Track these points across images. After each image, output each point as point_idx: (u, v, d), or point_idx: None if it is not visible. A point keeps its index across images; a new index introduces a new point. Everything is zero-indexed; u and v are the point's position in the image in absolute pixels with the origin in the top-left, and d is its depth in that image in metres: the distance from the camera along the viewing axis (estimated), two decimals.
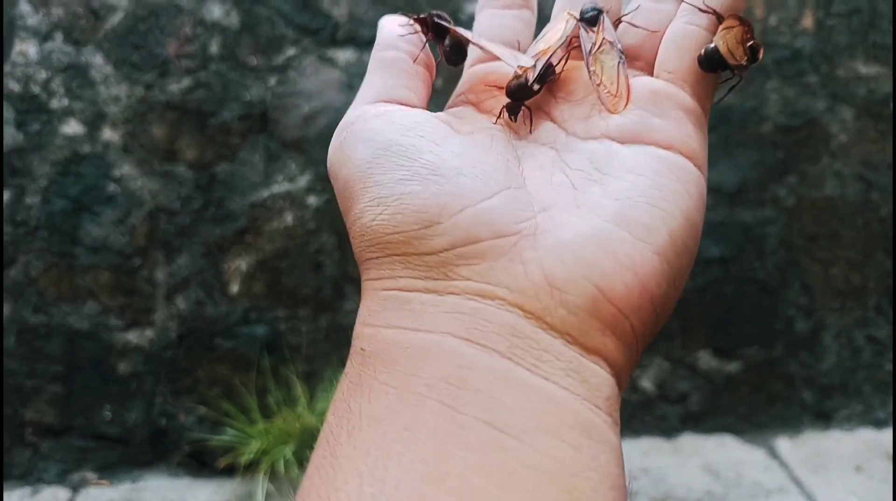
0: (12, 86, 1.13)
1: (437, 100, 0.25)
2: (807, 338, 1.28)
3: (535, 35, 0.27)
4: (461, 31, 0.26)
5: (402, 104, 0.24)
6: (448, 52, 0.26)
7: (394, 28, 0.26)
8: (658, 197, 0.21)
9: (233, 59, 1.18)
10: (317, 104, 1.20)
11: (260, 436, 1.11)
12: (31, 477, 1.14)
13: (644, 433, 1.24)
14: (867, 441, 1.21)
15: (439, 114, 0.25)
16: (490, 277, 0.20)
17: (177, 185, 1.17)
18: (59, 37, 1.14)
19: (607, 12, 0.26)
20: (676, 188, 0.22)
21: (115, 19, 1.15)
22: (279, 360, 1.21)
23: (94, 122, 1.15)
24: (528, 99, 0.24)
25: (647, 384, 1.25)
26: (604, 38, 0.25)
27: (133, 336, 1.18)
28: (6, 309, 1.15)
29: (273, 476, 1.10)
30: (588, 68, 0.24)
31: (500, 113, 0.24)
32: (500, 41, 0.26)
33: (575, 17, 0.26)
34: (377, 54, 0.26)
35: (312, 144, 1.20)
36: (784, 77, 1.22)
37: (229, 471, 1.15)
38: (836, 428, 1.25)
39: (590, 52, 0.24)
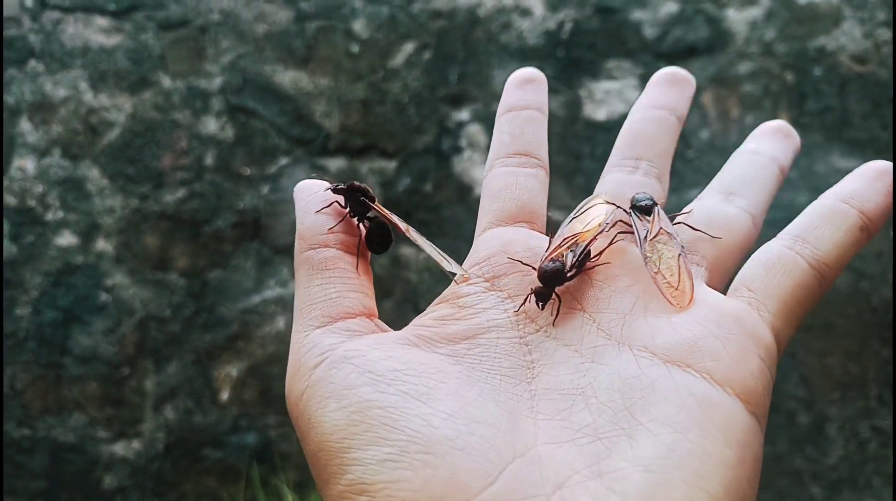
0: (9, 200, 1.15)
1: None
2: (810, 431, 1.25)
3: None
4: (385, 211, 0.23)
5: (351, 315, 0.21)
6: (372, 235, 0.23)
7: (314, 211, 0.22)
8: (700, 473, 0.16)
9: (227, 170, 1.21)
10: None
11: None
12: None
13: None
14: None
15: (428, 318, 0.20)
16: None
17: (168, 293, 1.18)
18: (56, 152, 1.17)
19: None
20: (726, 458, 0.17)
21: (112, 135, 1.19)
22: (269, 469, 1.17)
23: (88, 233, 1.16)
24: (560, 285, 0.21)
25: None
26: (661, 228, 0.22)
27: (119, 448, 1.15)
28: None
29: None
30: (644, 256, 0.21)
31: (526, 299, 0.20)
32: (515, 201, 0.23)
33: (614, 205, 0.23)
34: (306, 254, 0.22)
35: None
36: None
37: None
38: None
39: (645, 238, 0.22)
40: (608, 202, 0.23)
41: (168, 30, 1.20)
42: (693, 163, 1.24)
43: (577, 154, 1.25)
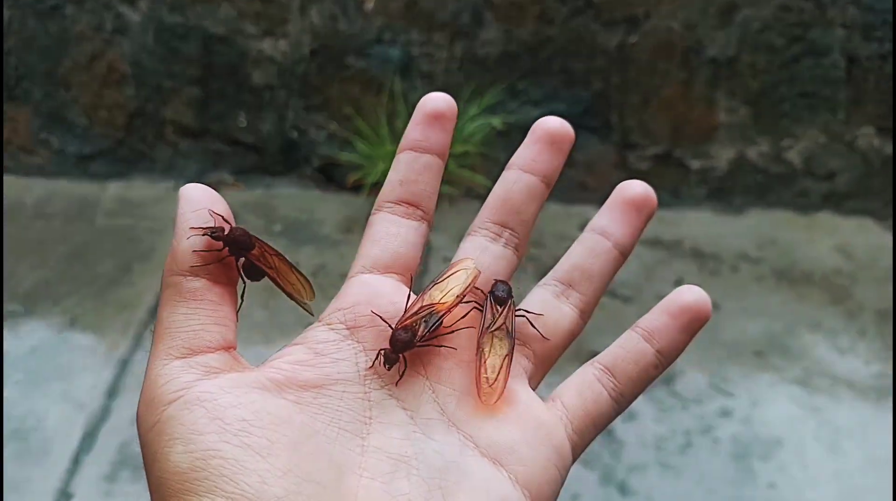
0: None
1: None
2: None
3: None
4: (267, 247, 0.25)
5: (211, 350, 0.22)
6: (248, 269, 0.25)
7: (190, 239, 0.23)
8: None
9: None
10: None
11: (386, 159, 1.12)
12: (173, 172, 1.22)
13: (779, 207, 1.19)
14: None
15: (284, 361, 0.23)
16: None
17: None
18: None
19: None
20: None
21: None
22: (410, 86, 1.19)
23: None
24: (409, 350, 0.23)
25: (794, 157, 1.18)
26: (503, 323, 0.25)
27: (267, 46, 1.18)
28: (144, 7, 1.15)
29: None
30: (479, 345, 0.24)
31: (377, 358, 0.23)
32: (392, 252, 0.25)
33: (478, 272, 0.26)
34: (176, 279, 0.23)
35: None
36: None
37: (356, 189, 1.19)
38: None
39: (487, 328, 0.25)
40: (474, 269, 0.25)
41: None
42: None
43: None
